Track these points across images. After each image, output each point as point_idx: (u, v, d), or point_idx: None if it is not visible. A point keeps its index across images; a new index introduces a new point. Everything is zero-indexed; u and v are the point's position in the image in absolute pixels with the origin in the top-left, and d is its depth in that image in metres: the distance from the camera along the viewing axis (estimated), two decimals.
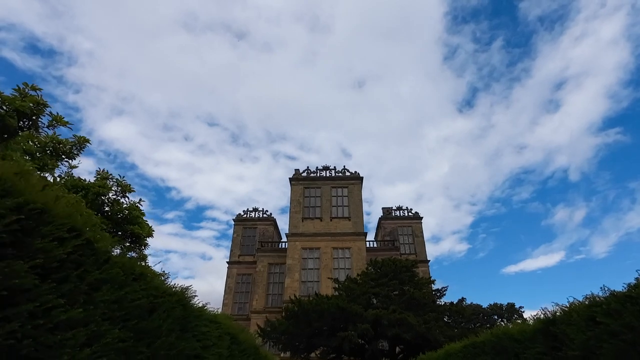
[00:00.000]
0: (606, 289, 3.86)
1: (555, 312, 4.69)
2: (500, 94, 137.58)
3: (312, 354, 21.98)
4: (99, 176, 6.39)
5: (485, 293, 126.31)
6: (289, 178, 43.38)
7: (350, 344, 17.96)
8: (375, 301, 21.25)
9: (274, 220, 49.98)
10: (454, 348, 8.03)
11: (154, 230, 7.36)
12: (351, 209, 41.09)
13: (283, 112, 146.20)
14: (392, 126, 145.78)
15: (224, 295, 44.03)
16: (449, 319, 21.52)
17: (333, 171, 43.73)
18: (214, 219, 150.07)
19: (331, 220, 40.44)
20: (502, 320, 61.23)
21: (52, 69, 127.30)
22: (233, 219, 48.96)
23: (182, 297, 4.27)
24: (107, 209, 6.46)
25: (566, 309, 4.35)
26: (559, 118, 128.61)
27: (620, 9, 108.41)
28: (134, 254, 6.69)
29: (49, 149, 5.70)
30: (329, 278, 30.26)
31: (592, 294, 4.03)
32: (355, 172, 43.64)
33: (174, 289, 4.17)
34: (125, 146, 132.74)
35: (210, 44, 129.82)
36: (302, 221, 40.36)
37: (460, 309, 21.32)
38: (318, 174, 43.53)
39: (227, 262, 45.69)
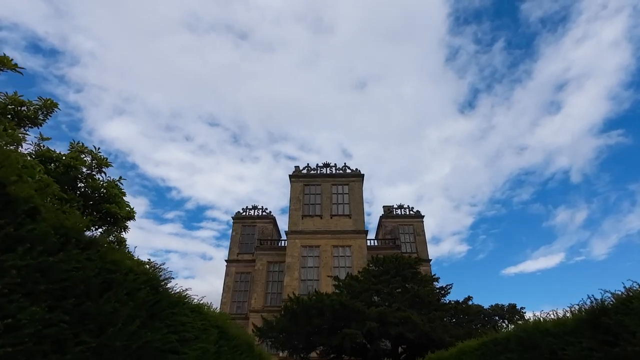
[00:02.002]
0: None
1: (604, 300, 3.91)
2: (502, 95, 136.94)
3: (311, 354, 21.14)
4: (72, 149, 5.61)
5: (485, 294, 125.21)
6: (289, 175, 42.59)
7: (352, 342, 17.13)
8: (377, 299, 20.43)
9: (274, 219, 49.14)
10: (469, 346, 7.22)
11: (135, 213, 6.58)
12: (352, 206, 40.26)
13: (284, 113, 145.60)
14: (394, 127, 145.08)
15: (222, 294, 43.18)
16: (454, 318, 20.68)
17: (333, 168, 42.90)
18: (214, 219, 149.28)
19: (331, 217, 39.61)
20: (503, 321, 60.48)
21: (53, 69, 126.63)
22: (232, 217, 48.12)
23: (152, 277, 3.47)
24: (81, 185, 5.68)
25: (624, 295, 3.55)
26: (560, 119, 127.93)
27: (621, 10, 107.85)
28: (112, 238, 5.89)
29: (9, 113, 4.92)
30: (328, 276, 29.48)
31: None
32: (356, 169, 42.83)
33: (142, 267, 3.37)
34: (126, 146, 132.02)
35: (212, 44, 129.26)
36: (302, 219, 39.54)
37: (466, 308, 20.49)
38: (318, 171, 42.69)
39: (226, 261, 44.88)
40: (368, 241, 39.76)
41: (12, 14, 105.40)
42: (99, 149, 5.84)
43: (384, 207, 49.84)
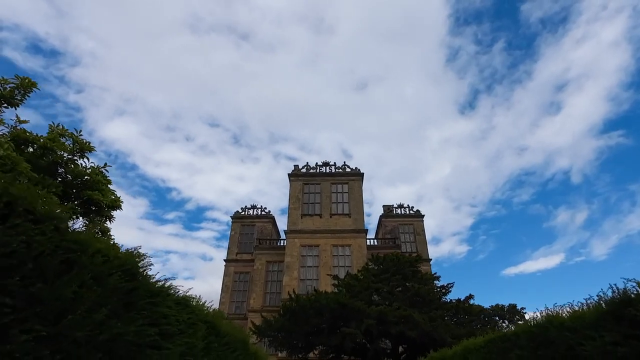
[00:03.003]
0: None
1: (628, 290, 3.55)
2: (502, 96, 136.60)
3: (311, 354, 20.74)
4: (51, 131, 5.23)
5: (485, 295, 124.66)
6: (288, 174, 42.23)
7: (352, 342, 16.74)
8: (377, 298, 20.04)
9: (273, 218, 48.75)
10: (475, 343, 6.85)
11: (121, 202, 6.21)
12: (351, 205, 39.89)
13: (285, 113, 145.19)
14: (394, 127, 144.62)
15: (221, 294, 42.77)
16: (455, 318, 20.29)
17: (333, 167, 42.52)
18: (214, 220, 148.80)
19: (331, 217, 39.24)
20: (503, 322, 60.15)
21: (53, 69, 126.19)
22: (231, 217, 47.73)
23: (128, 262, 3.10)
24: (62, 170, 5.31)
25: None
26: (560, 120, 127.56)
27: (621, 11, 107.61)
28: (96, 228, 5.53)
29: None
30: (328, 274, 29.06)
31: None
32: (356, 168, 42.46)
33: (116, 251, 3.01)
34: (126, 147, 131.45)
35: (214, 45, 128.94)
36: (301, 218, 39.16)
37: (468, 308, 20.10)
38: (318, 170, 42.30)
39: (225, 260, 44.49)
40: (368, 240, 39.39)
41: (13, 15, 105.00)
42: (80, 131, 5.48)
43: (383, 206, 49.43)
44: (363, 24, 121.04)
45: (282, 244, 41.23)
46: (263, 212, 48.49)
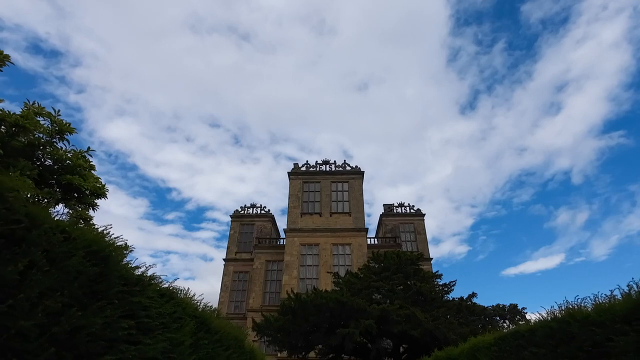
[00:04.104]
0: None
1: None
2: (502, 97, 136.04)
3: (311, 354, 20.31)
4: (26, 108, 4.80)
5: (485, 295, 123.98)
6: (288, 172, 41.81)
7: (353, 341, 16.30)
8: (378, 296, 19.61)
9: (272, 217, 48.31)
10: (484, 341, 6.44)
11: (106, 190, 5.78)
12: (352, 204, 39.47)
13: (285, 114, 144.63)
14: (395, 129, 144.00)
15: (220, 293, 42.32)
16: (458, 316, 19.85)
17: (333, 165, 42.11)
18: (214, 220, 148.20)
19: (331, 215, 38.82)
20: (504, 322, 59.74)
21: (54, 69, 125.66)
22: (230, 216, 47.30)
23: (97, 243, 2.68)
24: (39, 153, 4.88)
25: None
26: (560, 120, 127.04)
27: (621, 11, 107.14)
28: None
29: None
30: (328, 272, 28.65)
31: None
32: (356, 166, 42.04)
33: (81, 230, 2.59)
34: (127, 147, 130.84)
35: (215, 46, 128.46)
36: (301, 216, 38.75)
37: (471, 306, 19.67)
38: (318, 169, 41.89)
39: (224, 260, 44.05)
40: (368, 240, 38.97)
41: (14, 15, 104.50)
42: (59, 111, 5.05)
43: (384, 205, 48.98)
44: (364, 25, 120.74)
45: (281, 242, 40.83)
46: (262, 211, 48.07)
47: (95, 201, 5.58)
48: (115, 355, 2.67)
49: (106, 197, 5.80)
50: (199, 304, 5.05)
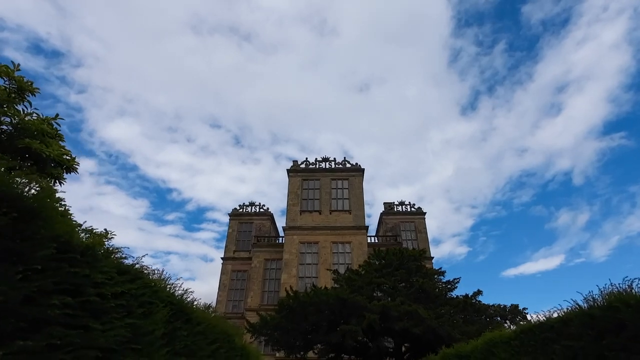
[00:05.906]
0: None
1: None
2: (503, 97, 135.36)
3: (310, 353, 19.57)
4: None
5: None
6: (287, 169, 41.10)
7: (353, 340, 15.57)
8: (379, 293, 18.89)
9: (271, 215, 47.60)
10: (502, 336, 5.73)
11: (77, 163, 5.07)
12: (352, 202, 38.77)
13: (286, 114, 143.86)
14: (396, 129, 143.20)
15: (217, 292, 41.56)
16: (462, 314, 19.14)
17: (333, 163, 41.41)
18: (214, 221, 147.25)
19: (331, 213, 38.11)
20: (505, 322, 59.07)
21: (54, 70, 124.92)
22: (229, 214, 46.58)
23: (17, 192, 1.99)
24: None
25: None
26: (561, 121, 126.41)
27: (622, 13, 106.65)
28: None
29: None
30: (327, 269, 27.93)
31: None
32: (356, 164, 41.34)
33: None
34: (127, 147, 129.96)
35: (216, 46, 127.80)
36: (300, 214, 38.04)
37: (476, 304, 18.96)
38: (317, 166, 41.21)
39: (222, 258, 43.31)
40: (368, 238, 38.27)
41: (15, 16, 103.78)
42: (18, 65, 4.36)
43: (384, 203, 48.26)
44: (365, 26, 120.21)
45: (280, 241, 40.13)
46: (261, 210, 47.37)
47: (62, 173, 4.87)
48: (41, 341, 1.97)
49: (77, 171, 5.08)
50: (176, 288, 4.33)
